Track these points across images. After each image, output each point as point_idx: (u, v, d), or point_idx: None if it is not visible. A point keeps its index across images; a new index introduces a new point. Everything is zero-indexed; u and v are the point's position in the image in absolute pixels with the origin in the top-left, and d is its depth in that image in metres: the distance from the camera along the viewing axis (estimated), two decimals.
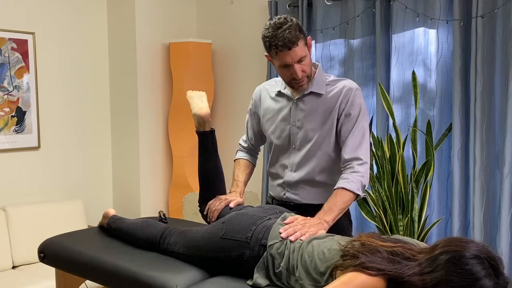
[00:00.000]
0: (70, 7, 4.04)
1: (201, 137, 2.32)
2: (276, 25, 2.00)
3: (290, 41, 1.98)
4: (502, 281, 1.38)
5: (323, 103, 2.13)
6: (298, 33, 2.00)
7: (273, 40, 2.00)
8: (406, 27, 3.37)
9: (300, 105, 2.16)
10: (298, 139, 2.17)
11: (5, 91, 3.70)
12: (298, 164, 2.18)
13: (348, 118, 2.09)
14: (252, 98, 2.35)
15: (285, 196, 2.24)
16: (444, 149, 3.30)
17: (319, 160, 2.15)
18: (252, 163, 2.42)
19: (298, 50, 2.01)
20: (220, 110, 4.46)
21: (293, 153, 2.19)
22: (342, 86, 2.13)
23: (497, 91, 3.06)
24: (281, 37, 1.98)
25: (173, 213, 4.29)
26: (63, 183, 4.05)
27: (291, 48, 1.99)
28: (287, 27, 1.98)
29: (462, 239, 1.46)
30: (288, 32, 1.98)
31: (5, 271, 3.50)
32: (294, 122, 2.17)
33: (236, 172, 2.37)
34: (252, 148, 2.43)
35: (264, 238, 1.82)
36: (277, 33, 1.99)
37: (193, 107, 2.33)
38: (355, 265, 1.49)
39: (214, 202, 2.22)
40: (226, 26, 4.40)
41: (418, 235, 3.09)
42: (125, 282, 1.93)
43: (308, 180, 2.18)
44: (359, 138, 2.07)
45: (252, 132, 2.39)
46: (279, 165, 2.26)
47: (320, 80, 2.15)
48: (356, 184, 1.99)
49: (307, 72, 2.08)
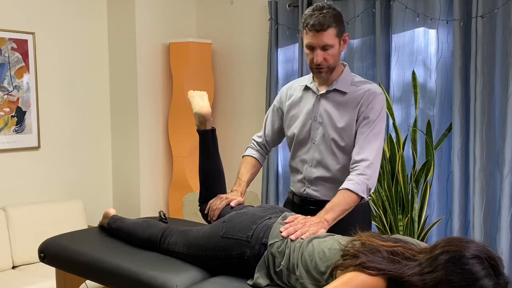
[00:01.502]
0: (70, 7, 4.04)
1: (202, 136, 2.32)
2: (317, 7, 2.08)
3: (320, 24, 2.03)
4: (502, 281, 1.38)
5: (345, 102, 2.14)
6: (332, 21, 2.04)
7: (308, 19, 2.07)
8: (406, 27, 3.37)
9: (322, 101, 2.18)
10: (318, 134, 2.18)
11: (5, 91, 3.70)
12: (318, 160, 2.19)
13: (366, 121, 2.10)
14: (278, 94, 2.38)
15: (305, 192, 2.24)
16: (444, 149, 3.30)
17: (338, 158, 2.16)
18: (259, 162, 2.41)
19: (326, 36, 2.05)
20: (220, 110, 4.46)
21: (312, 148, 2.20)
22: (367, 89, 2.14)
23: (497, 91, 3.06)
24: (315, 18, 2.04)
25: (173, 213, 4.29)
26: (63, 183, 4.05)
27: (318, 31, 2.04)
28: (326, 12, 2.05)
29: (462, 239, 1.46)
30: (323, 16, 2.04)
31: (5, 271, 3.50)
32: (316, 117, 2.18)
33: (241, 170, 2.37)
34: (265, 145, 2.43)
35: (264, 237, 1.82)
36: (314, 14, 2.06)
37: (194, 106, 2.34)
38: (355, 264, 1.49)
39: (215, 201, 2.23)
40: (226, 26, 4.40)
41: (418, 235, 3.09)
42: (125, 282, 1.93)
43: (328, 177, 2.18)
44: (372, 141, 2.08)
45: (270, 128, 2.40)
46: (299, 160, 2.26)
47: (346, 79, 2.17)
48: (361, 187, 1.99)
49: (329, 61, 2.10)
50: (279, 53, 3.98)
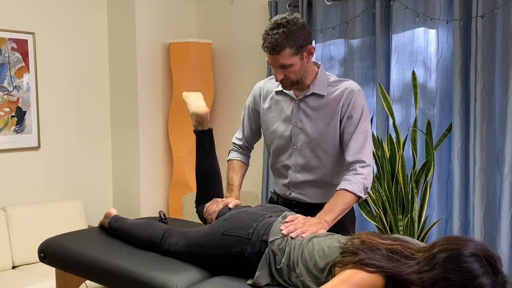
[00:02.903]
0: (70, 7, 4.04)
1: (199, 136, 2.31)
2: (274, 25, 2.01)
3: (273, 47, 1.99)
4: (500, 279, 1.38)
5: (325, 105, 2.13)
6: (286, 42, 1.98)
7: (263, 39, 2.03)
8: (406, 27, 3.37)
9: (302, 106, 2.16)
10: (300, 140, 2.16)
11: (5, 91, 3.70)
12: (302, 166, 2.18)
13: (350, 121, 2.09)
14: (251, 94, 2.34)
15: (291, 196, 2.24)
16: (444, 149, 3.30)
17: (323, 161, 2.15)
18: (245, 163, 2.40)
19: (281, 58, 2.01)
20: (220, 110, 4.46)
21: (294, 153, 2.19)
22: (344, 87, 2.12)
23: (497, 91, 3.06)
24: (269, 39, 2.00)
25: (173, 213, 4.29)
26: (63, 183, 4.05)
27: (272, 53, 2.01)
28: (281, 32, 1.98)
29: (460, 238, 1.46)
30: (276, 38, 1.98)
31: (5, 271, 3.50)
32: (296, 122, 2.17)
33: (230, 175, 2.34)
34: (247, 146, 2.42)
35: (265, 234, 1.82)
36: (268, 34, 2.01)
37: (190, 106, 2.33)
38: (354, 261, 1.49)
39: (211, 205, 2.19)
40: (226, 26, 4.40)
41: (418, 235, 3.09)
42: (126, 282, 1.93)
43: (313, 181, 2.18)
44: (362, 140, 2.07)
45: (249, 129, 2.38)
46: (282, 166, 2.25)
47: (322, 81, 2.15)
48: (358, 186, 1.99)
49: (290, 78, 2.06)
50: None
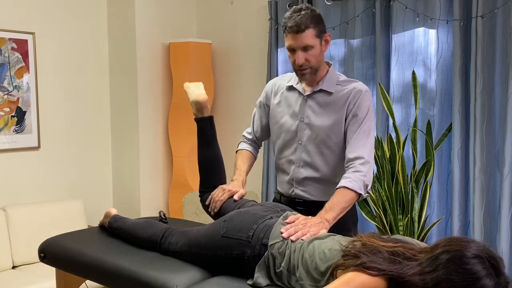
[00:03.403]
0: (70, 7, 4.04)
1: (199, 123, 2.33)
2: (296, 9, 2.09)
3: (298, 25, 2.04)
4: (503, 280, 1.38)
5: (332, 102, 2.15)
6: (310, 22, 2.05)
7: (286, 21, 2.08)
8: (406, 27, 3.37)
9: (309, 102, 2.19)
10: (305, 135, 2.18)
11: (5, 91, 3.69)
12: (306, 161, 2.20)
13: (355, 119, 2.11)
14: (264, 91, 2.38)
15: (294, 193, 2.24)
16: (444, 149, 3.30)
17: (327, 157, 2.17)
18: (254, 155, 2.43)
19: (305, 37, 2.05)
20: (220, 110, 4.46)
21: (299, 148, 2.21)
22: (352, 87, 2.15)
23: (497, 91, 3.06)
24: (293, 20, 2.05)
25: (173, 213, 4.29)
26: (63, 183, 4.05)
27: (297, 32, 2.05)
28: (304, 14, 2.05)
29: (462, 239, 1.46)
30: (300, 18, 2.05)
31: (5, 271, 3.50)
32: (303, 118, 2.19)
33: (238, 162, 2.37)
34: (255, 141, 2.45)
35: (265, 237, 1.81)
36: (292, 16, 2.07)
37: (190, 95, 2.36)
38: (356, 265, 1.49)
39: (217, 192, 2.22)
40: (226, 26, 4.40)
41: (418, 235, 3.09)
42: (126, 282, 1.93)
43: (316, 177, 2.19)
44: (363, 139, 2.09)
45: (258, 125, 2.41)
46: (286, 161, 2.27)
47: (332, 79, 2.18)
48: (358, 184, 2.00)
49: (311, 62, 2.10)
50: (279, 53, 3.98)
